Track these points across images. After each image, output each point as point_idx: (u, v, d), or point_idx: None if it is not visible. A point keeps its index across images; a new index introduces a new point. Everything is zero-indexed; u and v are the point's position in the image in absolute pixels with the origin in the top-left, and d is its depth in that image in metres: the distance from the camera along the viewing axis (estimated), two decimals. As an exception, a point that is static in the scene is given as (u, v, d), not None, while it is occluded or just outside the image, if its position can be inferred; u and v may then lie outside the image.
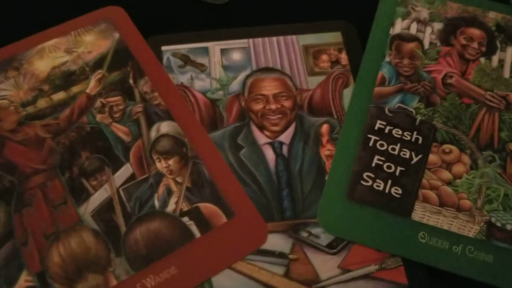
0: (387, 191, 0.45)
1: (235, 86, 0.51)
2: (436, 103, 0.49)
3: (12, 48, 0.53)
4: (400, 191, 0.44)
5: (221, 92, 0.51)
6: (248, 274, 0.42)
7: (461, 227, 0.43)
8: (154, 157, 0.46)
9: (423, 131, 0.47)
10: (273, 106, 0.50)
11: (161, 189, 0.45)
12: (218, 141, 0.48)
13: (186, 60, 0.52)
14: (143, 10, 0.57)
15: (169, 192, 0.45)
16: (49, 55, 0.52)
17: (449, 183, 0.45)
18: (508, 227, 0.43)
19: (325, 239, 0.43)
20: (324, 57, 0.53)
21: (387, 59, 0.51)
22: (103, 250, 0.42)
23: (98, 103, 0.49)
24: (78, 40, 0.53)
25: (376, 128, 0.47)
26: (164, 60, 0.52)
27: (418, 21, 0.54)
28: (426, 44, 0.53)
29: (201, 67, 0.52)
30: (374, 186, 0.45)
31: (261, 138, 0.48)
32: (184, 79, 0.52)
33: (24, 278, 0.41)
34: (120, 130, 0.48)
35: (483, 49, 0.52)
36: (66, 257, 0.42)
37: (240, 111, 0.50)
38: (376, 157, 0.46)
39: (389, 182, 0.45)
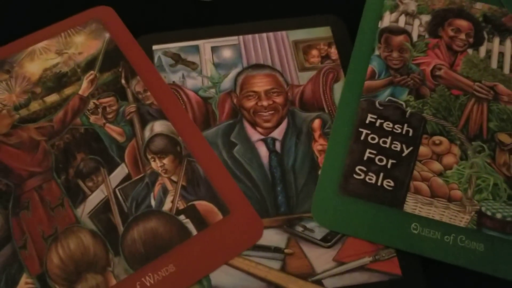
0: (379, 183, 0.45)
1: (226, 83, 0.51)
2: (425, 95, 0.49)
3: (2, 51, 0.53)
4: (392, 184, 0.45)
5: (213, 90, 0.51)
6: (245, 270, 0.42)
7: (452, 217, 0.44)
8: (149, 156, 0.47)
9: (413, 124, 0.48)
10: (265, 103, 0.50)
11: (157, 188, 0.45)
12: (211, 139, 0.48)
13: (177, 58, 0.53)
14: (132, 10, 0.56)
15: (164, 191, 0.45)
16: (40, 57, 0.52)
17: (440, 174, 0.46)
18: (498, 215, 0.44)
19: (319, 233, 0.44)
20: (314, 52, 0.53)
21: (377, 52, 0.52)
22: (102, 250, 0.43)
23: (91, 105, 0.50)
24: (68, 41, 0.53)
25: (367, 121, 0.48)
26: (155, 59, 0.53)
27: (406, 13, 0.54)
28: (415, 37, 0.53)
29: (192, 66, 0.52)
30: (367, 179, 0.45)
31: (254, 135, 0.49)
32: (175, 78, 0.52)
33: (24, 280, 0.42)
34: (114, 131, 0.48)
35: (471, 40, 0.53)
36: (65, 259, 0.42)
37: (233, 109, 0.50)
38: (368, 150, 0.47)
39: (381, 175, 0.45)
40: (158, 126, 0.48)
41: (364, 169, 0.46)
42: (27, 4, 0.58)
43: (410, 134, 0.47)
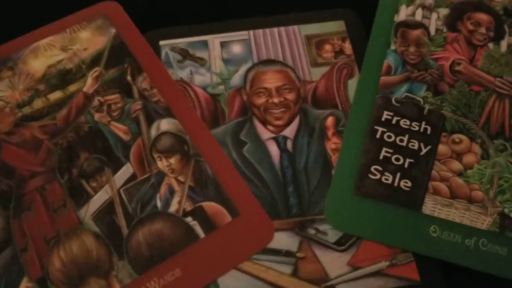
0: (396, 184, 0.43)
1: (236, 80, 0.50)
2: (444, 92, 0.48)
3: (5, 47, 0.52)
4: (409, 184, 0.43)
5: (222, 87, 0.50)
6: (255, 274, 0.41)
7: (473, 219, 0.42)
8: (155, 156, 0.45)
9: (432, 121, 0.46)
10: (276, 100, 0.48)
11: (163, 189, 0.44)
12: (220, 137, 0.47)
13: (185, 54, 0.51)
14: (139, 4, 0.55)
15: (171, 192, 0.44)
16: (44, 53, 0.51)
17: (460, 174, 0.44)
18: (522, 218, 0.42)
19: (333, 236, 0.42)
20: (328, 47, 0.52)
21: (393, 47, 0.50)
22: (105, 253, 0.41)
23: (95, 102, 0.48)
24: (73, 37, 0.52)
25: (383, 119, 0.46)
26: (163, 55, 0.51)
27: (423, 7, 0.52)
28: (432, 31, 0.51)
29: (200, 61, 0.51)
30: (383, 179, 0.43)
31: (265, 133, 0.47)
32: (183, 74, 0.50)
33: (25, 284, 0.40)
34: (119, 129, 0.47)
35: (491, 34, 0.51)
36: (67, 262, 0.41)
37: (242, 106, 0.49)
38: (384, 149, 0.45)
39: (398, 175, 0.44)
40: (165, 124, 0.47)
41: (380, 168, 0.44)
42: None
43: (429, 132, 0.45)
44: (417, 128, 0.46)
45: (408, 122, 0.46)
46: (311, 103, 0.49)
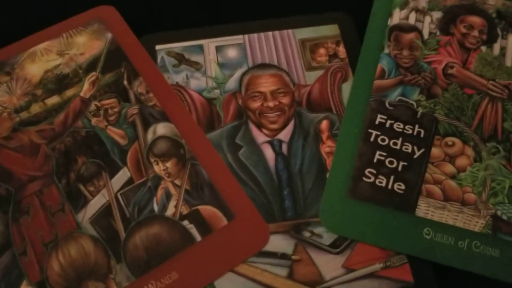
0: (389, 187, 0.44)
1: (231, 84, 0.50)
2: (437, 95, 0.48)
3: (2, 52, 0.52)
4: (403, 187, 0.44)
5: (217, 91, 0.50)
6: (250, 277, 0.41)
7: (466, 221, 0.42)
8: (152, 160, 0.46)
9: (425, 124, 0.46)
10: (271, 104, 0.49)
11: (160, 192, 0.44)
12: (216, 141, 0.47)
13: (180, 59, 0.51)
14: (135, 9, 0.56)
15: (168, 196, 0.44)
16: (41, 58, 0.51)
17: (453, 177, 0.44)
18: (514, 220, 0.42)
19: (328, 238, 0.43)
20: (322, 50, 0.52)
21: (386, 50, 0.50)
22: (103, 257, 0.42)
23: (92, 106, 0.49)
24: (70, 42, 0.52)
25: (376, 122, 0.46)
26: (159, 59, 0.52)
27: (417, 10, 0.53)
28: (426, 34, 0.51)
29: (196, 66, 0.51)
30: (377, 182, 0.44)
31: (260, 137, 0.47)
32: (179, 78, 0.51)
33: (24, 288, 0.41)
34: (116, 134, 0.47)
35: (484, 37, 0.51)
36: (65, 266, 0.41)
37: (238, 110, 0.49)
38: (378, 152, 0.45)
39: (392, 177, 0.44)
40: (161, 129, 0.47)
41: (374, 171, 0.44)
42: (28, 4, 0.57)
43: (422, 135, 0.46)
44: (410, 131, 0.46)
45: (401, 125, 0.46)
46: (305, 106, 0.49)
